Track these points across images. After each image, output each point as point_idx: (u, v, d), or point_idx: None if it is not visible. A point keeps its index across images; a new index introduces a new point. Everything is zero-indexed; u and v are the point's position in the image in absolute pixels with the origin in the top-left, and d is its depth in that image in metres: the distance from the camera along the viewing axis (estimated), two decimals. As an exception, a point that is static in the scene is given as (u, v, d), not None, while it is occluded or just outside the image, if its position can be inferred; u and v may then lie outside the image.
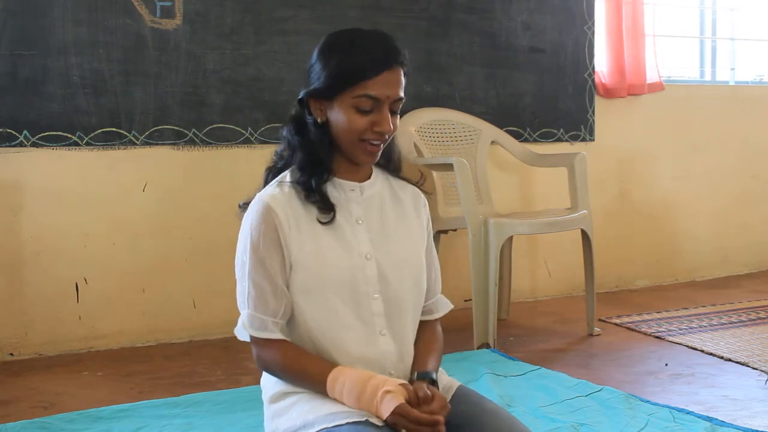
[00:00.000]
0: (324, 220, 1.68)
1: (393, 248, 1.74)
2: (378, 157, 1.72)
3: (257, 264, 1.67)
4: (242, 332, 1.74)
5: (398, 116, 1.71)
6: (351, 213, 1.72)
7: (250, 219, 1.69)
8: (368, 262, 1.70)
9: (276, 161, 1.79)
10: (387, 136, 1.68)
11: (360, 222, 1.72)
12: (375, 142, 1.67)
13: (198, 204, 3.68)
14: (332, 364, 1.65)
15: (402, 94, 1.68)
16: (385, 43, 1.67)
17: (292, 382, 1.69)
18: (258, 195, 1.70)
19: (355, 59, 1.64)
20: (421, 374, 1.69)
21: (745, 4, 5.27)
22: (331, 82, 1.65)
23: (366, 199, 1.75)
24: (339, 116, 1.66)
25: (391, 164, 1.82)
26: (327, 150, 1.69)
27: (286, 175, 1.73)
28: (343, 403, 1.62)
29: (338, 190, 1.72)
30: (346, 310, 1.67)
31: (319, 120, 1.69)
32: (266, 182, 1.76)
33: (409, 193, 1.84)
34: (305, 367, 1.66)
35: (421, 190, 1.87)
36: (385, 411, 1.54)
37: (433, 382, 1.68)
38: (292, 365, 1.67)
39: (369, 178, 1.77)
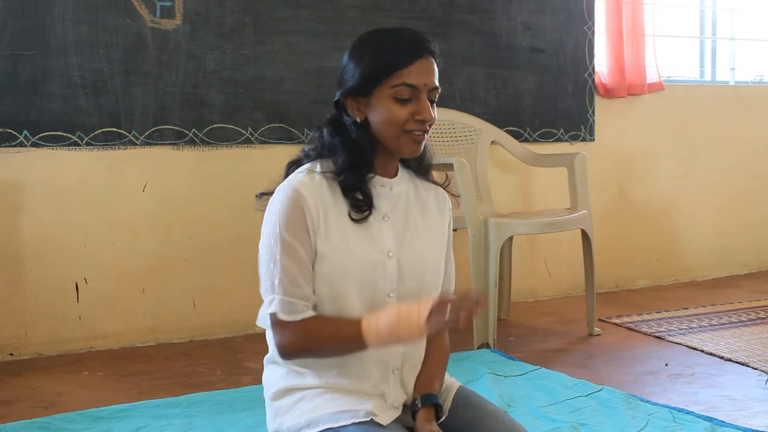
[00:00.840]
0: (357, 218, 1.66)
1: (414, 247, 1.72)
2: (423, 147, 1.71)
3: (287, 249, 1.62)
4: (264, 320, 1.68)
5: (435, 107, 1.70)
6: (379, 209, 1.70)
7: (278, 204, 1.64)
8: (390, 260, 1.68)
9: (302, 157, 1.75)
10: (428, 126, 1.68)
11: (386, 219, 1.71)
12: (417, 132, 1.66)
13: (198, 204, 3.68)
14: (358, 318, 1.60)
15: (437, 83, 1.68)
16: (414, 34, 1.69)
17: (326, 349, 1.63)
18: (287, 180, 1.67)
19: (388, 51, 1.65)
20: (425, 397, 1.68)
21: (744, 4, 5.27)
22: (366, 77, 1.65)
23: (394, 195, 1.73)
24: (379, 110, 1.65)
25: (422, 167, 1.81)
26: (370, 149, 1.68)
27: (317, 165, 1.70)
28: (347, 398, 1.62)
29: (369, 185, 1.70)
30: (361, 306, 1.65)
31: (358, 120, 1.68)
32: (287, 176, 1.72)
33: (433, 193, 1.83)
34: (336, 326, 1.61)
35: (447, 192, 1.86)
36: (425, 308, 1.52)
37: (438, 407, 1.68)
38: (323, 329, 1.61)
39: (396, 174, 1.76)
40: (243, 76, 3.71)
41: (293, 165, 1.75)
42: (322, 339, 1.62)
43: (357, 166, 1.67)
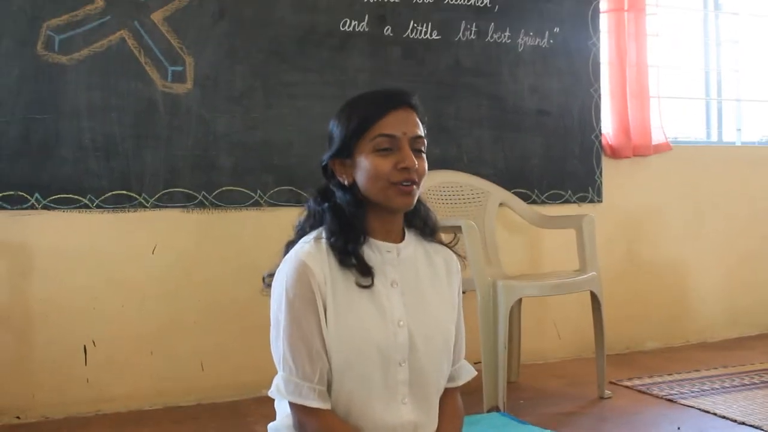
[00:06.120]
0: (364, 284, 1.64)
1: (425, 315, 1.70)
2: (415, 200, 1.68)
3: (293, 324, 1.61)
4: (277, 395, 1.68)
5: (425, 158, 1.69)
6: (386, 276, 1.68)
7: (285, 277, 1.63)
8: (400, 329, 1.66)
9: (294, 238, 1.74)
10: (416, 176, 1.65)
11: (395, 285, 1.69)
12: (405, 183, 1.64)
13: (207, 266, 3.69)
14: None
15: (419, 133, 1.67)
16: (389, 89, 1.71)
17: None
18: (294, 252, 1.66)
19: (362, 108, 1.67)
20: None
21: (749, 66, 5.32)
22: (346, 137, 1.67)
23: (402, 261, 1.71)
24: (362, 166, 1.65)
25: (428, 228, 1.80)
26: (357, 210, 1.67)
27: (323, 232, 1.69)
28: None
29: (374, 251, 1.69)
30: (374, 376, 1.63)
31: (346, 182, 1.69)
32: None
33: (441, 256, 1.81)
34: None
35: (454, 252, 1.84)
36: None
37: None
38: None
39: (403, 239, 1.74)
40: (252, 140, 3.74)
41: (290, 245, 1.72)
42: None
43: (344, 228, 1.66)
